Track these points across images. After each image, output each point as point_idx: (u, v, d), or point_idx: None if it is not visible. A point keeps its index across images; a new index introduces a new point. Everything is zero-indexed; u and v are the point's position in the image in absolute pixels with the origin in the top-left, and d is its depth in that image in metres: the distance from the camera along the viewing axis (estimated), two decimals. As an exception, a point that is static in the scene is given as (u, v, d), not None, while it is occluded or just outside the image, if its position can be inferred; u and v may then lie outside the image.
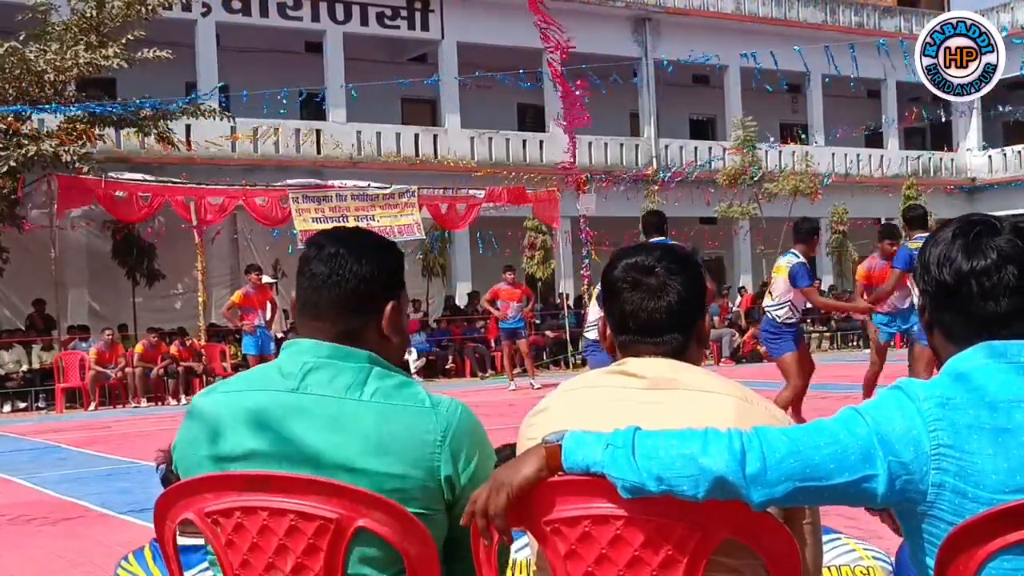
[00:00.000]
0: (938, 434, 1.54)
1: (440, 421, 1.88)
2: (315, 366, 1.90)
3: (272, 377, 1.93)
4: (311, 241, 2.01)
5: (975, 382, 1.58)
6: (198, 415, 1.96)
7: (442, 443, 1.87)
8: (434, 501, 1.87)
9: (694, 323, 1.92)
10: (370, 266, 1.95)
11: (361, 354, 1.92)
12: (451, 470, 1.87)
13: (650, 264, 1.90)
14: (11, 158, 14.97)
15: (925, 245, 1.74)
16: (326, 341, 1.93)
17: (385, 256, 1.99)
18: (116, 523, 6.42)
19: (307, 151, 23.12)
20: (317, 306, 1.94)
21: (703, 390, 1.81)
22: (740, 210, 24.69)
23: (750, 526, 1.62)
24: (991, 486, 1.51)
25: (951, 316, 1.69)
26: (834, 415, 1.61)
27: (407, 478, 1.84)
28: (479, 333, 20.12)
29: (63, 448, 10.68)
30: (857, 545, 2.63)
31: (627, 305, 1.90)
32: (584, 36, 23.98)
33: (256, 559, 1.84)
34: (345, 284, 1.93)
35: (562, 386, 1.96)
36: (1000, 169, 32.47)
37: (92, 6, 16.22)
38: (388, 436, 1.84)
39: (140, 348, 16.25)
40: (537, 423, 1.89)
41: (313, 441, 1.84)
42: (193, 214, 16.90)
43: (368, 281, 1.94)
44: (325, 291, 1.93)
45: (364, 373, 1.90)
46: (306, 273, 1.96)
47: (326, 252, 1.95)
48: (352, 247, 1.96)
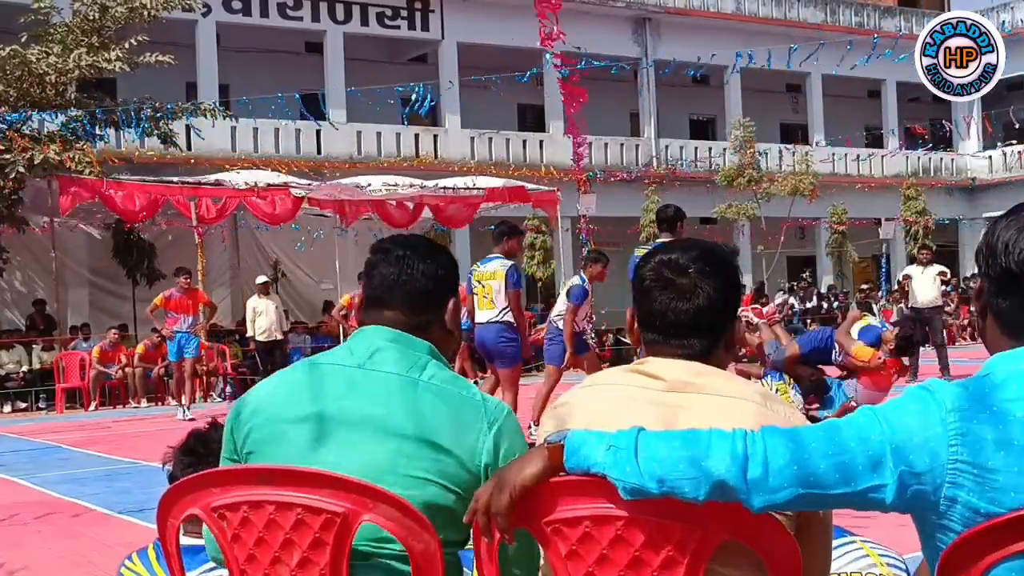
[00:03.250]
0: (958, 449, 1.47)
1: (489, 414, 2.01)
2: (381, 347, 2.05)
3: (341, 355, 2.08)
4: (376, 247, 2.19)
5: (1013, 392, 1.50)
6: (266, 387, 2.09)
7: (488, 433, 1.99)
8: (467, 485, 1.96)
9: (724, 327, 1.89)
10: (435, 265, 2.15)
11: (423, 344, 2.09)
12: (491, 459, 1.98)
13: (684, 264, 1.86)
14: (18, 164, 14.97)
15: (994, 226, 1.63)
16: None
17: (445, 257, 2.20)
18: (116, 523, 6.42)
19: (307, 151, 23.13)
20: (388, 303, 2.12)
21: (722, 394, 1.79)
22: (739, 210, 24.70)
23: (751, 527, 1.62)
24: (1008, 503, 1.45)
25: (1010, 305, 1.61)
26: (850, 415, 1.57)
27: (450, 453, 1.96)
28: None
29: (63, 448, 10.68)
30: (872, 550, 2.49)
31: (655, 304, 1.87)
32: (584, 36, 23.98)
33: (262, 553, 1.86)
34: (414, 282, 2.12)
35: (582, 382, 1.97)
36: (1000, 169, 32.47)
37: (95, 9, 16.22)
38: (441, 414, 1.98)
39: (141, 348, 16.25)
40: (556, 416, 1.90)
41: (371, 409, 1.98)
42: (193, 214, 16.90)
43: (434, 279, 2.14)
44: (396, 289, 2.12)
45: (424, 359, 2.06)
46: (375, 275, 2.15)
47: (393, 255, 2.14)
48: (417, 249, 2.15)
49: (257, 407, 2.06)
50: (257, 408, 2.06)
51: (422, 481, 1.93)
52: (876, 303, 24.65)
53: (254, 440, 2.02)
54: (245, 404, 2.09)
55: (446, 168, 23.54)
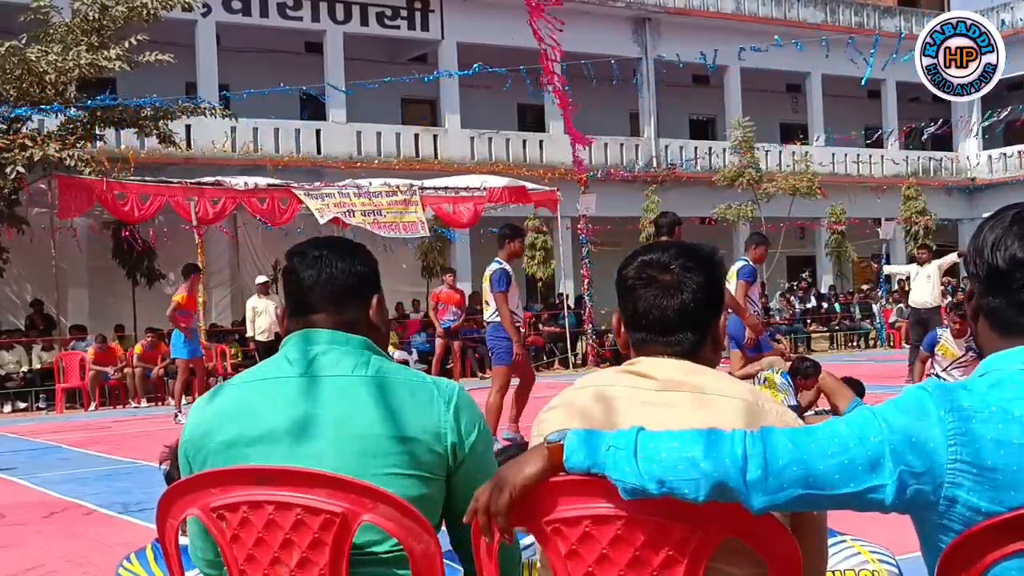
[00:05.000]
0: (957, 449, 1.47)
1: (442, 393, 2.02)
2: (319, 352, 2.02)
3: (280, 366, 2.05)
4: (291, 252, 2.14)
5: (1011, 392, 1.50)
6: (210, 408, 2.04)
7: (447, 411, 2.00)
8: (437, 468, 1.97)
9: (709, 323, 1.89)
10: (354, 262, 2.11)
11: (358, 339, 2.06)
12: (456, 437, 1.99)
13: (666, 261, 1.88)
14: (17, 162, 14.96)
15: (980, 229, 1.66)
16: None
17: (363, 254, 2.16)
18: (116, 523, 6.42)
19: (307, 151, 23.13)
20: (313, 305, 2.08)
21: (713, 393, 1.79)
22: (739, 210, 24.70)
23: (751, 527, 1.62)
24: (1009, 502, 1.45)
25: (1000, 303, 1.61)
26: (849, 415, 1.57)
27: (417, 441, 1.96)
28: (480, 333, 20.09)
29: (63, 448, 10.68)
30: (863, 548, 2.55)
31: (640, 302, 1.88)
32: (584, 36, 23.97)
33: (261, 553, 1.86)
34: (335, 281, 2.08)
35: (575, 384, 1.96)
36: (1000, 169, 32.46)
37: (95, 8, 16.22)
38: (397, 405, 1.97)
39: (139, 348, 16.25)
40: (548, 419, 1.89)
41: (326, 415, 1.95)
42: (193, 214, 16.90)
43: (356, 275, 2.10)
44: (317, 290, 2.08)
45: (365, 355, 2.04)
46: (293, 279, 2.10)
47: (311, 256, 2.10)
48: (334, 249, 2.12)
49: (208, 429, 2.01)
50: (208, 431, 2.01)
51: (393, 477, 1.92)
52: (876, 303, 24.70)
53: (214, 465, 1.98)
54: (196, 427, 2.04)
55: (446, 168, 23.54)
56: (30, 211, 16.98)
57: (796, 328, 23.84)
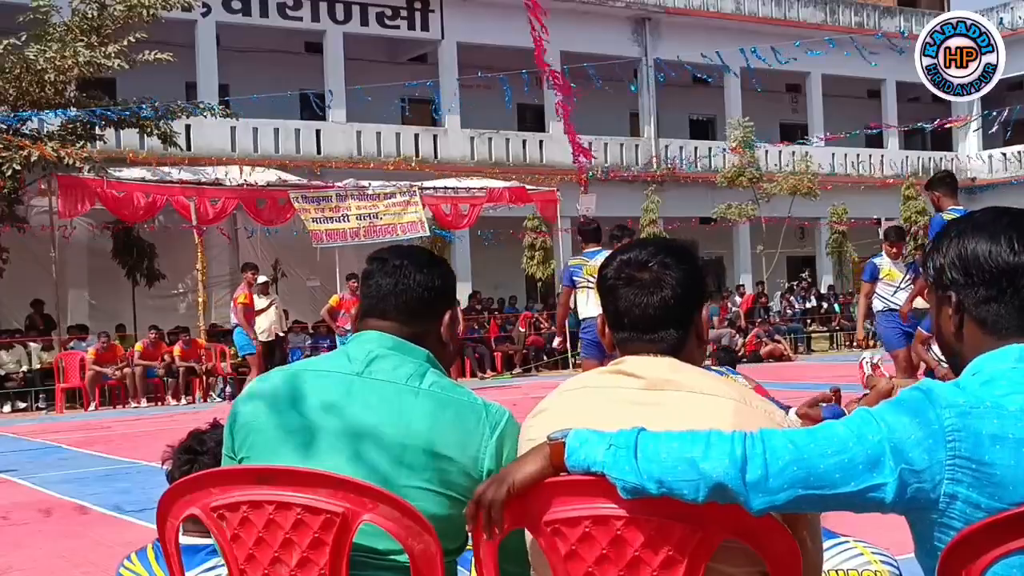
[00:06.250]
0: (956, 445, 1.48)
1: (490, 419, 2.02)
2: (380, 355, 2.05)
3: (340, 361, 2.07)
4: (373, 257, 2.18)
5: (1004, 388, 1.52)
6: (267, 387, 2.07)
7: (490, 437, 2.00)
8: (467, 491, 1.95)
9: (691, 318, 1.89)
10: (432, 276, 2.14)
11: (421, 351, 2.09)
12: (493, 465, 1.98)
13: (644, 259, 1.88)
14: (15, 161, 14.96)
15: (959, 235, 1.66)
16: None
17: (443, 268, 2.20)
18: (116, 523, 6.41)
19: (307, 151, 23.13)
20: (384, 312, 2.11)
21: (702, 392, 1.79)
22: (739, 210, 24.70)
23: (751, 527, 1.62)
24: (1008, 498, 1.46)
25: (992, 307, 1.62)
26: (847, 416, 1.57)
27: (453, 461, 1.96)
28: (479, 333, 20.12)
29: (63, 448, 10.67)
30: (865, 549, 2.57)
31: (621, 302, 1.88)
32: (584, 36, 23.99)
33: (261, 553, 1.86)
34: (410, 292, 2.11)
35: (561, 386, 1.96)
36: (1000, 169, 32.47)
37: (93, 7, 16.21)
38: (442, 422, 1.98)
39: (140, 347, 16.24)
40: (536, 424, 1.89)
41: (371, 420, 1.97)
42: (193, 214, 16.89)
43: (431, 289, 2.13)
44: (392, 299, 2.11)
45: (423, 367, 2.06)
46: (371, 285, 2.14)
47: (390, 265, 2.13)
48: (414, 260, 2.15)
49: (255, 410, 2.04)
50: (255, 411, 2.04)
51: (421, 491, 1.92)
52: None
53: (251, 445, 2.01)
54: (245, 404, 2.08)
55: (446, 168, 23.54)
56: (30, 211, 16.97)
57: (796, 328, 23.84)
